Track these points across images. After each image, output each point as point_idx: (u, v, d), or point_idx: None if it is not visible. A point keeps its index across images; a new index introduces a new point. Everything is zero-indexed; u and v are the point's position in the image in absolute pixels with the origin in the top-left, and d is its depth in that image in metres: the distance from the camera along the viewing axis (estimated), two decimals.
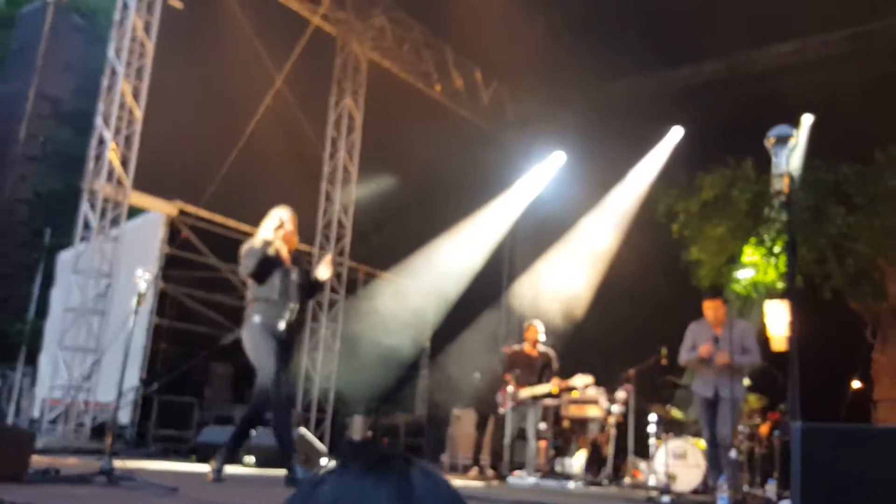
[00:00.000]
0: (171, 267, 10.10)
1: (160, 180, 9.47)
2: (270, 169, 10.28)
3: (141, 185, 9.18)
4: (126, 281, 6.58)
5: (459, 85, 13.48)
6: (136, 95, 9.05)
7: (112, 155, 8.83)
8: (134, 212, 10.11)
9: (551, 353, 9.06)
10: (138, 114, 9.03)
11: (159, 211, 10.05)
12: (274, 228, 5.27)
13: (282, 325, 5.17)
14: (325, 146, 11.49)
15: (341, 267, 11.29)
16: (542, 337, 9.03)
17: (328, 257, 5.62)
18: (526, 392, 8.68)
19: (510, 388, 8.68)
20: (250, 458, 7.56)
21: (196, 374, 10.37)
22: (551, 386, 8.68)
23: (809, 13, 10.50)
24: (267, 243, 5.19)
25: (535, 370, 8.78)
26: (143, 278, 4.70)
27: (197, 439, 8.55)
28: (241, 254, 5.34)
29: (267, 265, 5.15)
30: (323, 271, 5.41)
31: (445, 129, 13.12)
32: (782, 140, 2.95)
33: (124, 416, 9.32)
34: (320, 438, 9.83)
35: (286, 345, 5.21)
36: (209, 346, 10.17)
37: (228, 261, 10.50)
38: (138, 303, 4.72)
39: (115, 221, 8.91)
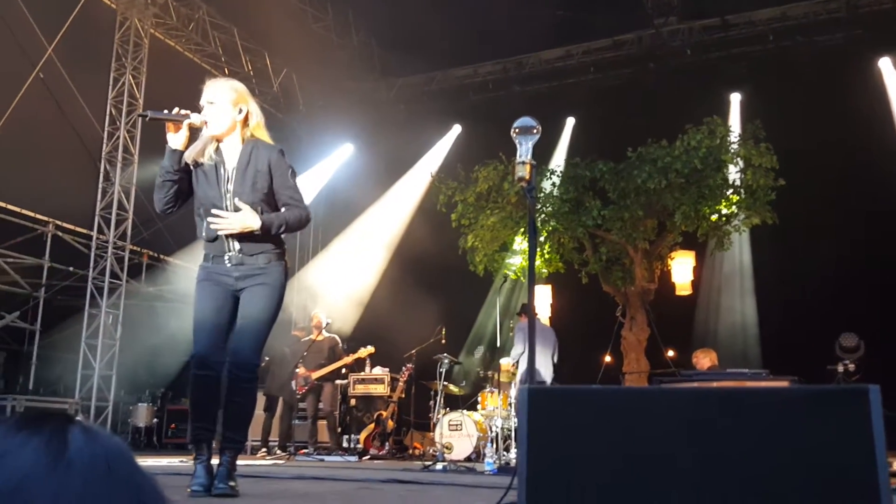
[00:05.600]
0: None
1: None
2: (42, 146, 9.68)
3: None
4: None
5: (249, 69, 13.36)
6: None
7: None
8: None
9: (336, 337, 9.78)
10: None
11: None
12: (170, 121, 3.50)
13: (227, 265, 3.48)
14: (103, 124, 10.96)
15: (122, 251, 10.87)
16: (325, 323, 9.55)
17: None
18: (320, 373, 9.25)
19: (302, 373, 9.25)
20: None
21: None
22: (343, 361, 9.43)
23: (572, 22, 11.63)
24: (175, 154, 3.51)
25: (324, 354, 9.39)
26: None
27: None
28: None
29: (171, 190, 3.53)
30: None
31: None
32: (525, 131, 3.03)
33: None
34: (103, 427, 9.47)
35: (232, 293, 3.52)
36: None
37: None
38: None
39: None
